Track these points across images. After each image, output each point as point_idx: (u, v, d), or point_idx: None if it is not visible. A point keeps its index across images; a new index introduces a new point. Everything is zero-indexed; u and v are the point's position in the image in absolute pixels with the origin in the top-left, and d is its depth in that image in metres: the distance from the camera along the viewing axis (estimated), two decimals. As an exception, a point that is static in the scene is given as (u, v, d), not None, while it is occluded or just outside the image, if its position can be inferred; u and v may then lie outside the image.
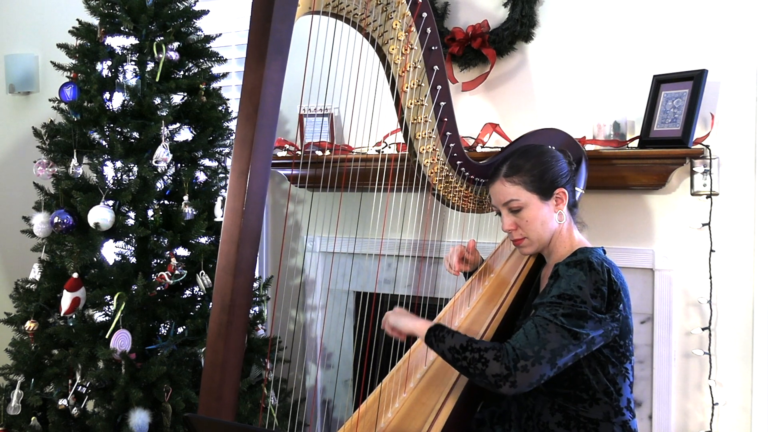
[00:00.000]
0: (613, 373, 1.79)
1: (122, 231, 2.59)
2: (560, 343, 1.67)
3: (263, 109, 1.36)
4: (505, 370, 1.64)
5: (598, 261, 1.75)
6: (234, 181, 1.37)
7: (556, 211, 1.88)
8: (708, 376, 2.58)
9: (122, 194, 2.56)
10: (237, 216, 1.37)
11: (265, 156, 1.38)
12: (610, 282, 1.73)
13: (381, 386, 1.97)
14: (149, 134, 2.61)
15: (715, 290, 2.58)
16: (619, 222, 2.74)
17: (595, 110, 2.73)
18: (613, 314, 1.74)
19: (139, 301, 2.53)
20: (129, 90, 2.64)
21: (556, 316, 1.69)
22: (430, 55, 1.90)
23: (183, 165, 2.78)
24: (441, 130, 2.00)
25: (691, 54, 2.60)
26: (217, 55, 2.89)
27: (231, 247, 1.38)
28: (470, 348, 1.70)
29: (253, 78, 1.36)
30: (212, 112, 2.80)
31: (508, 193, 1.86)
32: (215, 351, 1.40)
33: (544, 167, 1.86)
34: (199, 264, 2.67)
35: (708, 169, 2.55)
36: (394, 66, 1.88)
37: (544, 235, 1.89)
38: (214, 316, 1.40)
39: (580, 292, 1.70)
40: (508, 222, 1.90)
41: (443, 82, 1.94)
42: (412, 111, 1.95)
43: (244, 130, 1.36)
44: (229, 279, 1.38)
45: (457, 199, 2.21)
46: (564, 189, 1.88)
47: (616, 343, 1.79)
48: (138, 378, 2.49)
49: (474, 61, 2.92)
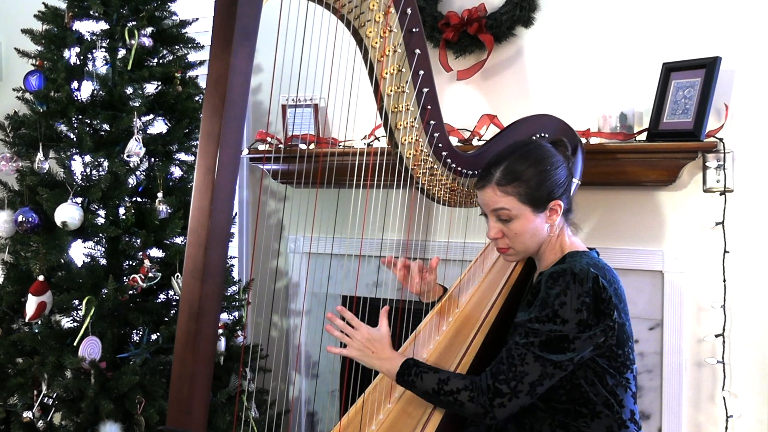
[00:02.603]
0: (612, 384, 1.80)
1: (91, 230, 2.60)
2: (539, 374, 1.71)
3: (230, 99, 1.36)
4: (482, 409, 1.72)
5: (583, 268, 1.74)
6: (200, 179, 1.37)
7: (549, 222, 1.87)
8: (722, 387, 2.59)
9: (92, 191, 2.57)
10: (204, 216, 1.37)
11: (233, 151, 1.38)
12: (596, 290, 1.72)
13: (364, 396, 1.98)
14: (120, 126, 2.62)
15: (729, 294, 2.59)
16: (626, 221, 2.75)
17: (600, 101, 2.74)
18: (606, 324, 1.73)
19: (109, 305, 2.54)
20: (99, 79, 2.65)
21: (534, 344, 1.71)
22: (411, 38, 1.89)
23: (157, 159, 2.79)
24: (424, 119, 1.99)
25: (704, 40, 2.60)
26: (193, 41, 2.91)
27: (198, 249, 1.38)
28: (442, 392, 1.76)
29: (218, 67, 1.36)
30: (188, 103, 2.82)
31: (498, 201, 1.84)
32: (183, 362, 1.40)
33: (542, 177, 1.83)
34: (174, 266, 2.68)
35: (722, 163, 2.56)
36: (372, 50, 1.87)
37: (531, 247, 1.89)
38: (181, 325, 1.39)
39: (561, 311, 1.70)
40: (495, 230, 1.88)
41: (426, 67, 1.93)
42: (392, 98, 1.94)
43: (210, 123, 1.37)
44: (196, 284, 1.38)
45: (443, 193, 2.19)
46: (560, 201, 1.86)
47: (613, 353, 1.79)
48: (108, 388, 2.50)
49: (470, 48, 2.93)
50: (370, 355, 1.90)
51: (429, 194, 2.19)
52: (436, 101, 1.99)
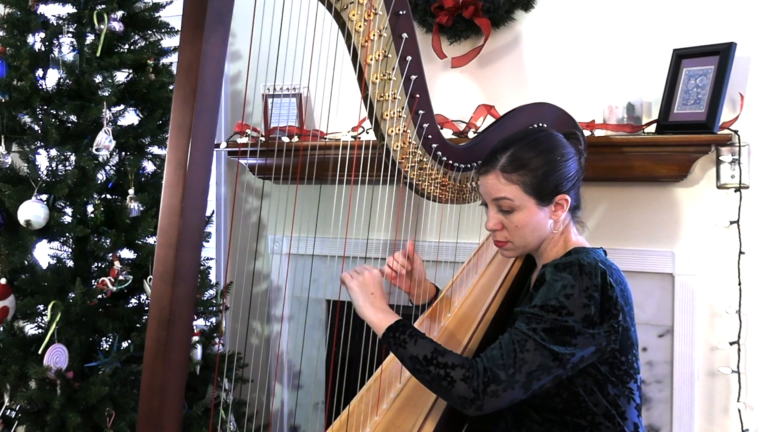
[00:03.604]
0: (614, 393, 1.77)
1: (58, 230, 2.58)
2: (538, 364, 1.65)
3: (203, 89, 1.34)
4: (473, 394, 1.63)
5: (591, 262, 1.71)
6: (170, 174, 1.35)
7: (553, 218, 1.84)
8: (736, 399, 2.58)
9: (57, 187, 2.54)
10: (174, 214, 1.35)
11: (206, 144, 1.36)
12: (604, 286, 1.69)
13: (349, 409, 1.95)
14: (89, 117, 2.60)
15: (744, 298, 2.58)
16: (633, 220, 2.74)
17: (605, 90, 2.73)
18: (611, 326, 1.70)
19: (77, 311, 2.51)
20: (65, 66, 2.63)
21: (536, 331, 1.66)
22: (398, 21, 1.87)
23: (128, 153, 2.78)
24: (412, 109, 1.97)
25: (718, 25, 2.59)
26: (167, 25, 2.89)
27: (168, 251, 1.36)
28: (435, 362, 1.68)
29: (189, 54, 1.34)
30: (161, 92, 2.80)
31: (501, 189, 1.82)
32: (153, 372, 1.38)
33: (550, 168, 1.81)
34: (146, 268, 2.67)
35: (737, 158, 2.55)
36: (355, 35, 1.85)
37: (531, 242, 1.87)
38: (151, 332, 1.37)
39: (567, 302, 1.67)
40: (494, 220, 1.86)
41: (414, 52, 1.91)
42: (378, 86, 1.92)
43: (181, 115, 1.34)
44: (167, 288, 1.36)
45: (433, 189, 2.18)
46: (567, 195, 1.84)
47: (616, 360, 1.75)
48: (76, 400, 2.47)
49: (465, 33, 2.92)
50: (367, 296, 1.85)
51: (418, 190, 2.18)
52: (426, 89, 1.97)
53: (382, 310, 1.83)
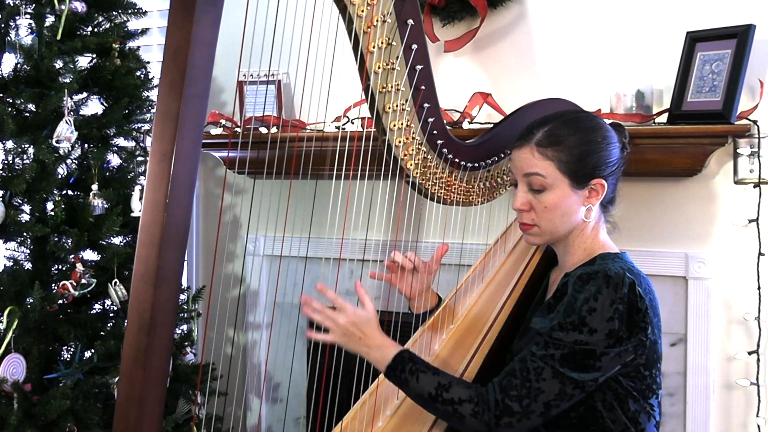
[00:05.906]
0: (634, 409, 1.77)
1: (14, 229, 2.58)
2: (556, 394, 1.67)
3: (192, 75, 1.34)
4: (485, 428, 1.67)
5: (618, 272, 1.71)
6: (154, 167, 1.36)
7: (586, 204, 1.84)
8: (756, 413, 2.59)
9: (14, 182, 2.53)
10: (158, 211, 1.36)
11: (194, 134, 1.37)
12: (632, 299, 1.68)
13: (341, 427, 1.95)
14: (48, 106, 2.59)
15: (764, 304, 2.58)
16: (643, 218, 2.75)
17: (613, 76, 2.72)
18: (639, 340, 1.70)
19: (35, 317, 2.51)
20: (23, 51, 2.62)
21: (554, 357, 1.67)
22: (403, 6, 1.87)
23: (91, 145, 2.78)
24: (417, 101, 1.97)
25: (735, 5, 2.59)
26: (134, 6, 2.89)
27: (151, 250, 1.37)
28: (441, 399, 1.71)
29: (178, 36, 1.34)
30: (128, 79, 2.80)
31: (534, 164, 1.82)
32: (131, 382, 1.39)
33: (590, 148, 1.82)
34: (111, 271, 2.67)
35: (756, 150, 2.56)
36: (357, 20, 1.84)
37: (560, 229, 1.86)
38: (130, 338, 1.38)
39: (589, 318, 1.67)
40: (522, 199, 1.86)
41: (420, 41, 1.91)
42: (380, 76, 1.92)
43: (167, 101, 1.35)
44: (148, 290, 1.37)
45: (437, 189, 2.17)
46: (604, 181, 1.84)
47: (640, 374, 1.76)
48: (34, 415, 2.47)
49: (460, 14, 2.92)
50: (357, 342, 1.84)
51: (421, 190, 2.18)
52: (432, 81, 1.98)
53: (378, 347, 1.83)
